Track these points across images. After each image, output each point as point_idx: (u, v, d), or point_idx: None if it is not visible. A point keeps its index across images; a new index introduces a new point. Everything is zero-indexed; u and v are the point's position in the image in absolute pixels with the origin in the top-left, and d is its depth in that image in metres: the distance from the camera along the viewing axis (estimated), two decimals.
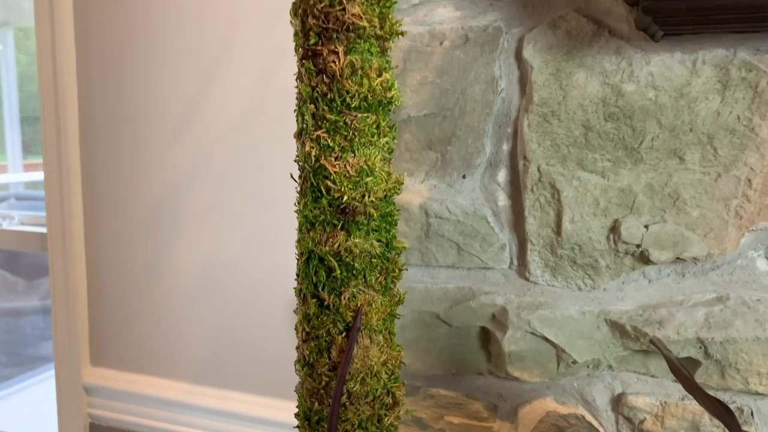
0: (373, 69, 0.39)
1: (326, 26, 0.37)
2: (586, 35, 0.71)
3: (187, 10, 0.97)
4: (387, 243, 0.43)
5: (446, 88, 0.78)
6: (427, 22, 0.79)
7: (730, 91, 0.67)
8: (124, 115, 1.03)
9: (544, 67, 0.73)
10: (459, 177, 0.79)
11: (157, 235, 1.02)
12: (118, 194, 1.06)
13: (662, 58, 0.69)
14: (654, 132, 0.70)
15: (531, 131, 0.74)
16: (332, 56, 0.38)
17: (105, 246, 1.07)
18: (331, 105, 0.39)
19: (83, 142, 1.06)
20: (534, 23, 0.74)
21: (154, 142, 1.01)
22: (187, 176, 0.99)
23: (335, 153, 0.39)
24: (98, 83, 1.04)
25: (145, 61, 1.00)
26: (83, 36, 1.03)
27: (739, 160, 0.67)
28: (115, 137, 1.04)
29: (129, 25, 1.01)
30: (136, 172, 1.02)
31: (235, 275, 0.98)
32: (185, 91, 0.98)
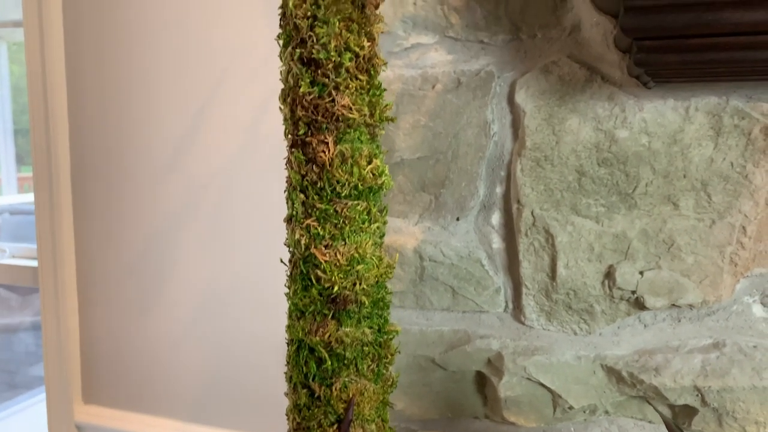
0: (363, 157, 0.38)
1: (316, 117, 0.37)
2: (578, 81, 0.71)
3: (180, 48, 0.96)
4: (379, 328, 0.42)
5: (439, 132, 0.78)
6: (419, 65, 0.78)
7: (723, 138, 0.67)
8: (115, 149, 1.02)
9: (536, 112, 0.72)
10: (453, 219, 0.79)
11: (149, 271, 1.01)
12: (109, 229, 1.05)
13: (655, 105, 0.68)
14: (648, 178, 0.69)
15: (524, 175, 0.74)
16: (322, 146, 0.37)
17: (97, 281, 1.06)
18: (321, 194, 0.38)
19: (74, 176, 1.05)
20: (526, 68, 0.74)
21: (145, 177, 1.00)
22: (179, 212, 0.98)
23: (325, 241, 0.38)
24: (90, 120, 1.03)
25: (137, 98, 1.00)
26: (74, 77, 1.03)
27: (734, 207, 0.67)
28: (107, 171, 1.03)
29: (120, 63, 1.00)
30: (128, 209, 1.02)
31: (227, 313, 0.97)
32: (179, 124, 0.98)
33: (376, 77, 0.39)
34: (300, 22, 0.36)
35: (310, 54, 0.37)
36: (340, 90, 0.37)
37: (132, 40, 0.99)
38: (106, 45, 1.01)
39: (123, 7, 1.00)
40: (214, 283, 0.96)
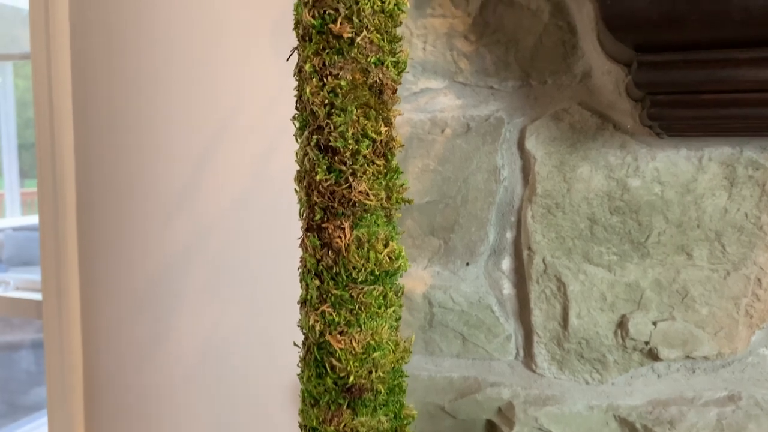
0: (380, 240, 0.38)
1: (332, 203, 0.37)
2: (590, 129, 0.70)
3: (188, 86, 0.96)
4: (395, 414, 0.42)
5: (448, 176, 0.77)
6: (428, 109, 0.78)
7: (737, 189, 0.66)
8: (122, 189, 1.02)
9: (547, 159, 0.72)
10: (462, 264, 0.78)
11: (155, 311, 1.00)
12: (114, 266, 1.04)
13: (668, 154, 0.68)
14: (661, 227, 0.69)
15: (535, 222, 0.73)
16: (338, 232, 0.37)
17: (101, 319, 1.06)
18: (337, 279, 0.38)
19: (80, 215, 1.04)
20: (536, 114, 0.73)
21: (152, 217, 1.00)
22: (186, 253, 0.98)
23: (340, 327, 0.38)
24: (97, 158, 1.03)
25: (144, 136, 0.99)
26: (81, 116, 1.03)
27: (748, 259, 0.66)
28: (113, 210, 1.03)
29: (127, 101, 1.00)
30: (133, 248, 1.01)
31: (233, 357, 0.96)
32: (186, 165, 0.97)
33: (393, 160, 0.38)
34: (317, 109, 0.36)
35: (327, 141, 0.36)
36: (357, 176, 0.36)
37: (140, 75, 0.99)
38: (114, 79, 1.01)
39: (132, 35, 1.00)
40: (220, 327, 0.96)
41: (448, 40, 0.76)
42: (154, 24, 0.97)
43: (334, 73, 0.35)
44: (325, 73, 0.36)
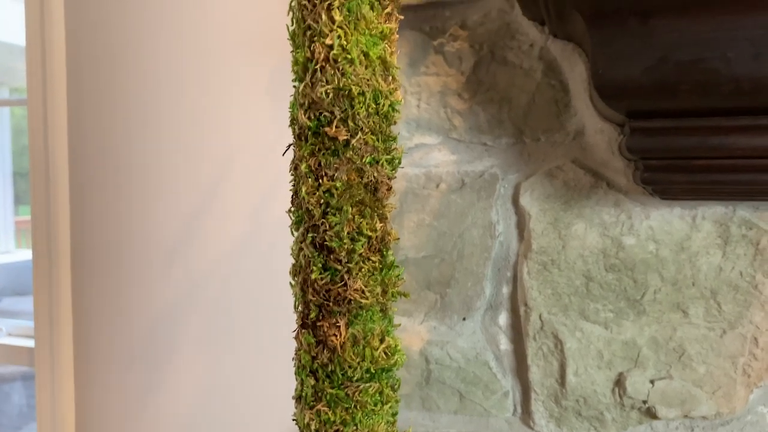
0: (376, 336, 0.37)
1: (327, 301, 0.37)
2: (583, 186, 0.71)
3: (184, 133, 0.96)
4: None
5: (444, 231, 0.77)
6: (423, 164, 0.78)
7: (731, 247, 0.66)
8: (117, 237, 1.01)
9: (542, 215, 0.72)
10: (459, 319, 0.78)
11: (148, 362, 0.99)
12: (109, 314, 1.03)
13: (661, 213, 0.68)
14: (656, 285, 0.69)
15: (531, 278, 0.73)
16: (333, 329, 0.37)
17: (95, 367, 1.04)
18: (332, 377, 0.37)
19: (74, 263, 1.04)
20: (530, 171, 0.74)
21: (147, 266, 0.99)
22: (180, 303, 0.97)
23: (336, 426, 0.38)
24: (92, 207, 1.02)
25: (141, 184, 0.99)
26: (76, 168, 1.03)
27: (744, 317, 0.66)
28: (108, 259, 1.02)
29: (124, 146, 1.00)
30: (128, 295, 1.00)
31: (229, 407, 0.95)
32: (182, 213, 0.97)
33: (388, 255, 0.38)
34: (313, 208, 0.36)
35: (323, 240, 0.36)
36: (353, 274, 0.36)
37: (137, 120, 1.00)
38: (110, 125, 1.01)
39: (130, 81, 1.00)
40: (215, 378, 0.95)
41: (441, 97, 0.76)
42: (151, 70, 0.97)
43: (330, 174, 0.35)
44: (320, 173, 0.36)
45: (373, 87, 0.35)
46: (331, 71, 0.35)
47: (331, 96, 0.35)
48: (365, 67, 0.35)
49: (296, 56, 0.38)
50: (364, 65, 0.35)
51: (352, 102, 0.35)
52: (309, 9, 0.35)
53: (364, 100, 0.35)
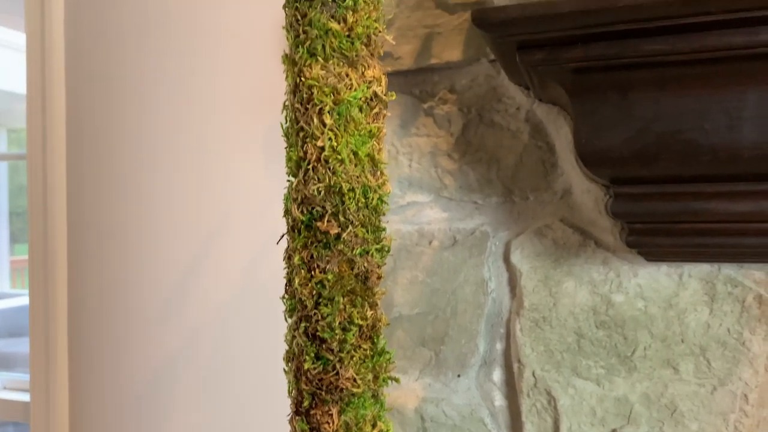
0: (368, 422, 0.39)
1: (320, 390, 0.38)
2: (572, 245, 0.72)
3: (181, 188, 0.98)
4: None
5: (437, 288, 0.78)
6: (415, 221, 0.80)
7: (718, 304, 0.68)
8: (113, 295, 1.02)
9: (532, 273, 0.74)
10: (454, 376, 0.78)
11: (143, 419, 0.99)
12: (105, 367, 1.04)
13: (649, 271, 0.70)
14: (646, 341, 0.70)
15: (524, 335, 0.74)
16: (326, 417, 0.38)
17: (90, 423, 1.04)
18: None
19: (71, 313, 1.05)
20: (520, 229, 0.75)
21: (143, 319, 1.00)
22: (175, 360, 0.98)
23: None
24: (88, 270, 1.04)
25: (137, 236, 1.00)
26: (75, 211, 1.04)
27: (734, 374, 0.67)
28: (103, 316, 1.03)
29: (122, 203, 1.02)
30: (124, 349, 1.01)
31: None
32: (176, 270, 0.98)
33: (379, 342, 0.40)
34: (305, 299, 0.37)
35: (315, 330, 0.38)
36: (344, 363, 0.38)
37: (134, 178, 1.01)
38: (107, 186, 1.03)
39: (127, 139, 1.02)
40: (212, 430, 0.95)
41: (432, 157, 0.78)
42: (149, 125, 1.00)
43: (322, 266, 0.37)
44: (313, 265, 0.38)
45: (363, 183, 0.37)
46: (322, 170, 0.36)
47: (323, 193, 0.36)
48: (355, 165, 0.37)
49: (290, 154, 0.39)
50: (354, 163, 0.37)
51: (342, 198, 0.36)
52: (302, 111, 0.37)
53: (354, 196, 0.37)
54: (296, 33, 0.38)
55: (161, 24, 0.97)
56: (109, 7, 1.02)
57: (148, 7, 0.98)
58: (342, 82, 0.37)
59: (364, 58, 0.38)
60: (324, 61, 0.37)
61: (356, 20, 0.37)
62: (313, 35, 0.36)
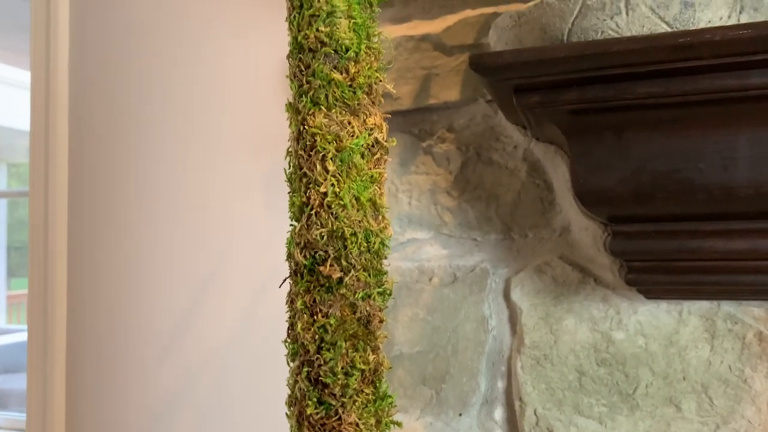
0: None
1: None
2: (572, 282, 0.73)
3: (178, 227, 0.98)
4: None
5: (437, 326, 0.78)
6: (415, 258, 0.80)
7: (719, 341, 0.68)
8: (112, 334, 1.02)
9: (533, 310, 0.74)
10: (455, 415, 0.78)
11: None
12: (102, 410, 1.02)
13: (648, 308, 0.70)
14: (647, 379, 0.70)
15: (525, 373, 0.74)
16: None
17: None
18: None
19: (69, 361, 1.04)
20: (520, 266, 0.76)
21: (141, 358, 0.99)
22: (174, 398, 0.97)
23: None
24: (87, 307, 1.03)
25: (137, 276, 1.01)
26: (76, 252, 1.04)
27: (737, 412, 0.67)
28: (102, 354, 1.02)
29: (123, 244, 1.02)
30: (122, 391, 1.00)
31: None
32: (176, 307, 0.98)
33: (381, 386, 0.40)
34: (308, 344, 0.38)
35: (318, 375, 0.38)
36: (347, 408, 0.38)
37: (135, 212, 1.02)
38: (108, 223, 1.04)
39: (130, 169, 1.03)
40: None
41: (431, 195, 0.79)
42: (152, 164, 1.01)
43: (324, 310, 0.37)
44: (315, 309, 0.38)
45: (365, 227, 0.38)
46: (325, 215, 0.37)
47: (326, 237, 0.37)
48: (357, 210, 0.38)
49: (293, 199, 0.40)
50: (356, 208, 0.38)
51: (345, 242, 0.37)
52: (305, 158, 0.38)
53: (356, 240, 0.37)
54: (300, 83, 0.39)
55: (165, 67, 0.99)
56: (114, 49, 1.04)
57: (152, 51, 1.00)
58: (344, 130, 0.38)
59: (365, 106, 0.39)
60: (327, 110, 0.38)
61: (358, 71, 0.38)
62: (316, 85, 0.38)
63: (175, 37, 0.98)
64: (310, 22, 0.37)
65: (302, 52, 0.38)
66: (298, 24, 0.38)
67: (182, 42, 0.98)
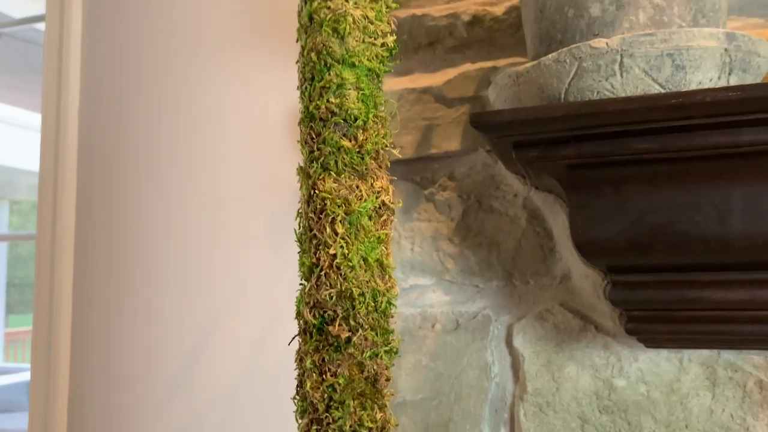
0: None
1: None
2: (573, 329, 0.74)
3: (190, 268, 0.99)
4: None
5: (441, 373, 0.79)
6: (418, 304, 0.81)
7: (720, 389, 0.68)
8: (117, 373, 1.02)
9: (535, 357, 0.74)
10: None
11: None
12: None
13: (649, 356, 0.70)
14: (650, 427, 0.70)
15: (528, 421, 0.74)
16: None
17: None
18: None
19: (72, 400, 1.04)
20: (522, 313, 0.77)
21: (144, 404, 0.99)
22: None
23: None
24: (91, 348, 1.04)
25: (143, 316, 1.01)
26: (79, 309, 1.05)
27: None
28: (107, 394, 1.02)
29: (129, 286, 1.03)
30: (128, 428, 0.99)
31: None
32: (180, 352, 0.98)
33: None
34: (317, 402, 0.38)
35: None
36: None
37: (143, 255, 1.03)
38: (115, 268, 1.05)
39: (139, 213, 1.04)
40: None
41: (434, 241, 0.81)
42: (161, 207, 1.02)
43: (333, 369, 0.38)
44: (324, 368, 0.39)
45: (372, 287, 0.39)
46: (334, 276, 0.39)
47: (335, 298, 0.38)
48: (364, 271, 0.39)
49: (303, 259, 0.42)
50: (364, 269, 0.39)
51: (353, 302, 0.38)
52: (315, 220, 0.40)
53: (364, 300, 0.38)
54: (311, 149, 0.41)
55: (172, 113, 1.02)
56: (123, 93, 1.07)
57: (160, 97, 1.03)
58: (353, 194, 0.39)
59: (372, 170, 0.41)
60: (336, 175, 0.39)
61: (366, 138, 0.40)
62: (326, 152, 0.39)
63: (183, 84, 1.01)
64: (321, 94, 0.40)
65: (313, 121, 0.40)
66: (309, 95, 0.40)
67: (189, 90, 1.01)
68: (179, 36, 1.02)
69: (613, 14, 0.55)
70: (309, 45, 0.40)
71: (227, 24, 0.98)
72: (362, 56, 0.39)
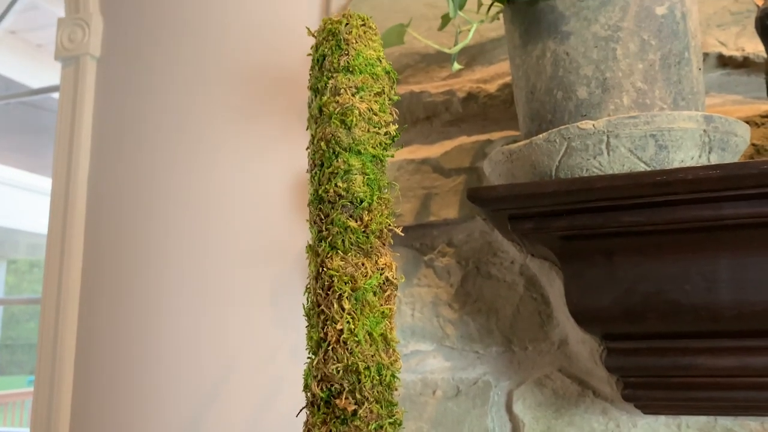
0: None
1: None
2: (571, 395, 0.74)
3: (188, 335, 1.00)
4: None
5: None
6: (419, 370, 0.82)
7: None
8: (118, 413, 1.01)
9: (535, 423, 0.75)
10: None
11: None
12: None
13: (648, 422, 0.71)
14: None
15: None
16: None
17: None
18: None
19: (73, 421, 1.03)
20: (521, 378, 0.78)
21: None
22: None
23: None
24: (94, 410, 1.03)
25: (147, 389, 1.01)
26: (82, 361, 1.06)
27: None
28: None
29: (130, 347, 1.04)
30: None
31: None
32: (181, 417, 0.98)
33: None
34: None
35: None
36: None
37: (144, 321, 1.04)
38: (120, 322, 1.06)
39: (142, 279, 1.06)
40: None
41: (434, 307, 0.83)
42: (165, 275, 1.04)
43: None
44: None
45: (377, 361, 0.41)
46: (341, 351, 0.40)
47: (341, 372, 0.40)
48: (370, 345, 0.41)
49: (311, 333, 0.44)
50: (369, 343, 0.41)
51: (359, 376, 0.40)
52: (323, 296, 0.42)
53: (370, 374, 0.40)
54: (319, 228, 0.44)
55: (178, 183, 1.05)
56: (132, 161, 1.11)
57: (166, 166, 1.07)
58: (358, 271, 0.42)
59: (377, 248, 0.44)
60: (343, 254, 0.42)
61: (371, 218, 0.43)
62: (334, 232, 0.42)
63: (190, 155, 1.05)
64: (330, 178, 0.43)
65: (322, 203, 0.43)
66: (318, 179, 0.43)
67: (197, 159, 1.05)
68: (191, 108, 1.07)
69: (599, 97, 0.59)
70: (319, 134, 0.43)
71: (235, 99, 1.03)
72: (367, 144, 0.42)
